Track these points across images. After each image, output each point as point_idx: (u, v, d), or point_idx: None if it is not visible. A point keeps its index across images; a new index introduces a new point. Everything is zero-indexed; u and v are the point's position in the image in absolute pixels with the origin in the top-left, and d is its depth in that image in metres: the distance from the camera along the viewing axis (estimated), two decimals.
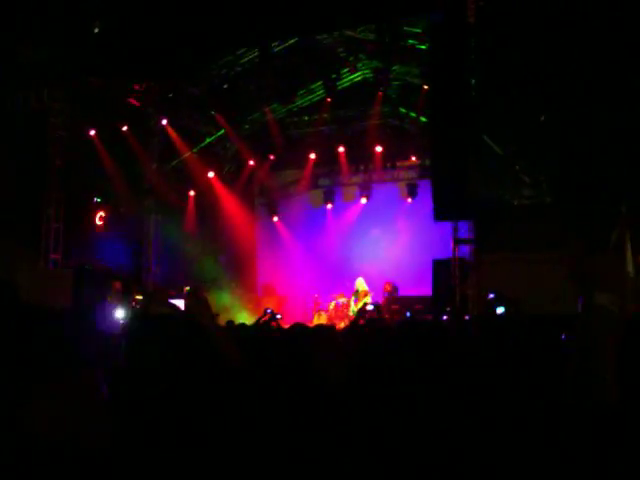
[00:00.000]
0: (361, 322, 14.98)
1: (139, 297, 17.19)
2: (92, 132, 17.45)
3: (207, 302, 3.66)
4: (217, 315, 8.90)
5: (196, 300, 3.61)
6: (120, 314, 15.12)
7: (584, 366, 2.32)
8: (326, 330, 4.32)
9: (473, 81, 13.09)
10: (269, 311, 9.33)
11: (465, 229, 15.27)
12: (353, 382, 3.52)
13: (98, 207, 18.19)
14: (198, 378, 3.17)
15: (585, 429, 2.55)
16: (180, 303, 16.37)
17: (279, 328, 7.09)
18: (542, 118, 12.61)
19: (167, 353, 3.17)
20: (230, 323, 9.32)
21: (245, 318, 16.33)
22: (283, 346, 4.05)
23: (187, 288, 18.16)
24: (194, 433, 2.90)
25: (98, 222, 18.16)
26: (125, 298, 16.44)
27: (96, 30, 14.50)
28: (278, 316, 10.70)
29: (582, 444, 2.57)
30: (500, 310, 11.96)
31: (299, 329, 4.21)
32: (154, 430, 2.87)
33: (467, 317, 14.25)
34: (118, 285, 16.55)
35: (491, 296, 14.02)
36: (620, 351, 2.39)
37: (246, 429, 2.97)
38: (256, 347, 4.36)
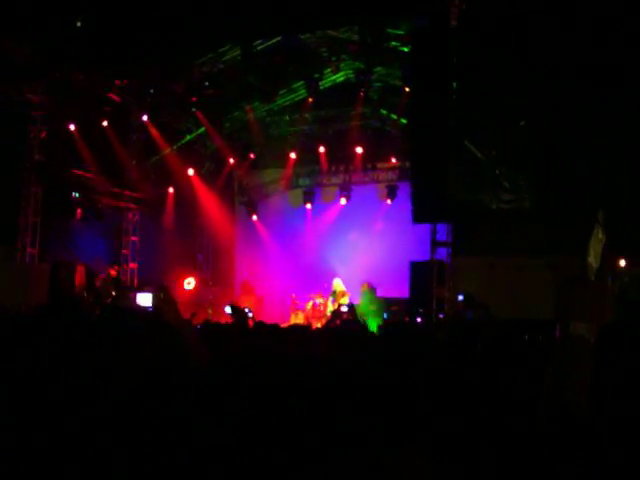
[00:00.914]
0: (337, 323, 15.04)
1: (114, 292, 17.13)
2: (72, 127, 17.35)
3: (174, 301, 3.66)
4: (195, 314, 8.85)
5: (163, 298, 3.61)
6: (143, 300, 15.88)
7: (560, 386, 2.34)
8: (299, 330, 4.34)
9: (454, 84, 13.14)
10: (247, 310, 9.13)
11: (444, 232, 15.30)
12: (327, 381, 3.53)
13: (77, 202, 18.08)
14: (163, 374, 3.16)
15: (555, 439, 2.57)
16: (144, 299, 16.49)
17: (254, 325, 7.05)
18: (522, 123, 12.69)
19: (133, 348, 3.16)
20: (207, 322, 9.29)
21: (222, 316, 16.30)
22: (256, 344, 4.06)
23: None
24: (162, 429, 2.89)
25: (76, 217, 18.05)
26: (101, 293, 16.41)
27: (78, 24, 14.43)
28: (250, 314, 10.64)
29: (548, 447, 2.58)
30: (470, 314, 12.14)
31: (272, 329, 4.22)
32: (121, 427, 2.86)
33: (441, 315, 14.35)
34: (95, 280, 16.49)
35: (460, 298, 14.17)
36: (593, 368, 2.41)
37: (213, 427, 2.97)
38: (228, 345, 4.35)
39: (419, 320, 14.17)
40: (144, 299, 16.40)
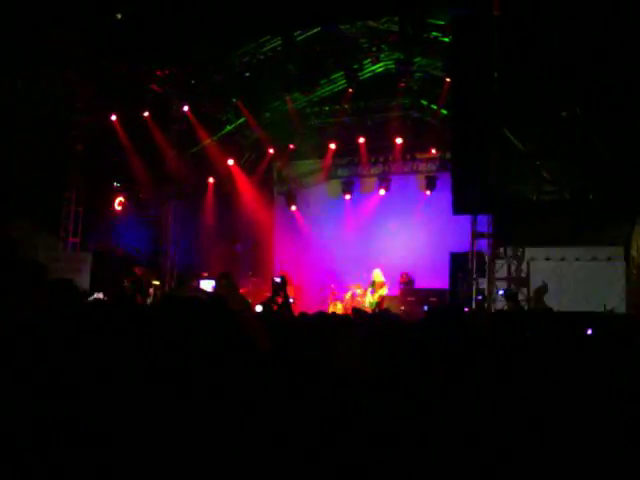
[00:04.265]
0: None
1: (156, 282, 17.29)
2: (114, 117, 17.52)
3: (237, 287, 3.71)
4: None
5: (227, 285, 3.66)
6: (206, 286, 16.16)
7: None
8: (343, 319, 4.36)
9: (496, 74, 13.05)
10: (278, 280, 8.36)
11: (484, 223, 15.24)
12: (374, 371, 3.55)
13: (118, 192, 18.28)
14: (227, 360, 3.20)
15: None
16: (207, 286, 16.65)
17: (290, 312, 7.08)
18: (564, 114, 12.58)
19: (197, 335, 3.21)
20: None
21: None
22: (304, 333, 4.08)
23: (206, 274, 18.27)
24: (222, 415, 2.94)
25: (117, 207, 18.25)
26: (142, 282, 16.56)
27: (119, 15, 14.55)
28: (290, 300, 10.55)
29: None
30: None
31: (320, 317, 4.25)
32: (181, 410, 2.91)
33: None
34: (135, 269, 16.65)
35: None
36: None
37: (271, 413, 3.01)
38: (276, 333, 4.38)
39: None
40: (207, 285, 16.67)
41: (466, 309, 14.07)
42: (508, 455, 2.96)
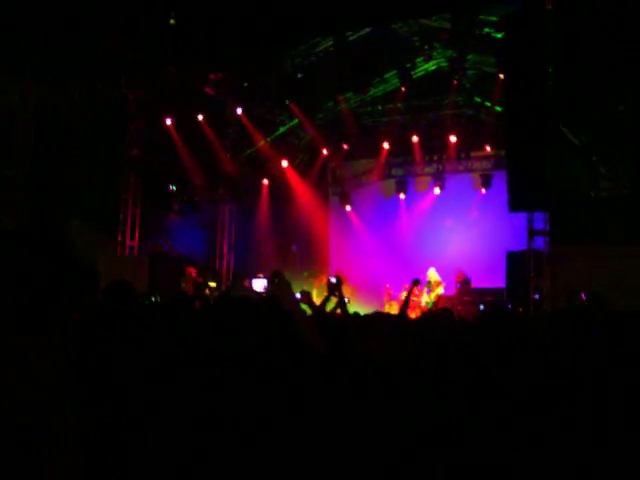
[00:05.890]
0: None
1: (212, 284, 17.42)
2: (168, 121, 17.72)
3: (289, 286, 3.71)
4: None
5: (279, 284, 3.66)
6: (258, 286, 16.26)
7: None
8: (377, 318, 4.34)
9: (550, 69, 12.86)
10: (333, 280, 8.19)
11: (540, 220, 15.02)
12: (415, 369, 3.53)
13: (174, 195, 18.47)
14: (279, 359, 3.21)
15: None
16: (259, 286, 16.72)
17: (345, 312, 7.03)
18: (621, 108, 12.35)
19: (250, 334, 3.23)
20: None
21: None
22: (357, 332, 4.07)
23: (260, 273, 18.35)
24: (272, 411, 2.95)
25: (173, 210, 18.44)
26: (198, 284, 16.71)
27: (172, 21, 14.69)
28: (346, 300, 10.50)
29: None
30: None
31: (373, 316, 4.23)
32: (230, 408, 2.93)
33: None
34: (192, 271, 16.82)
35: (583, 297, 13.84)
36: None
37: (322, 409, 3.01)
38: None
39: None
40: (259, 285, 16.75)
41: (520, 309, 13.90)
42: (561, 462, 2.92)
